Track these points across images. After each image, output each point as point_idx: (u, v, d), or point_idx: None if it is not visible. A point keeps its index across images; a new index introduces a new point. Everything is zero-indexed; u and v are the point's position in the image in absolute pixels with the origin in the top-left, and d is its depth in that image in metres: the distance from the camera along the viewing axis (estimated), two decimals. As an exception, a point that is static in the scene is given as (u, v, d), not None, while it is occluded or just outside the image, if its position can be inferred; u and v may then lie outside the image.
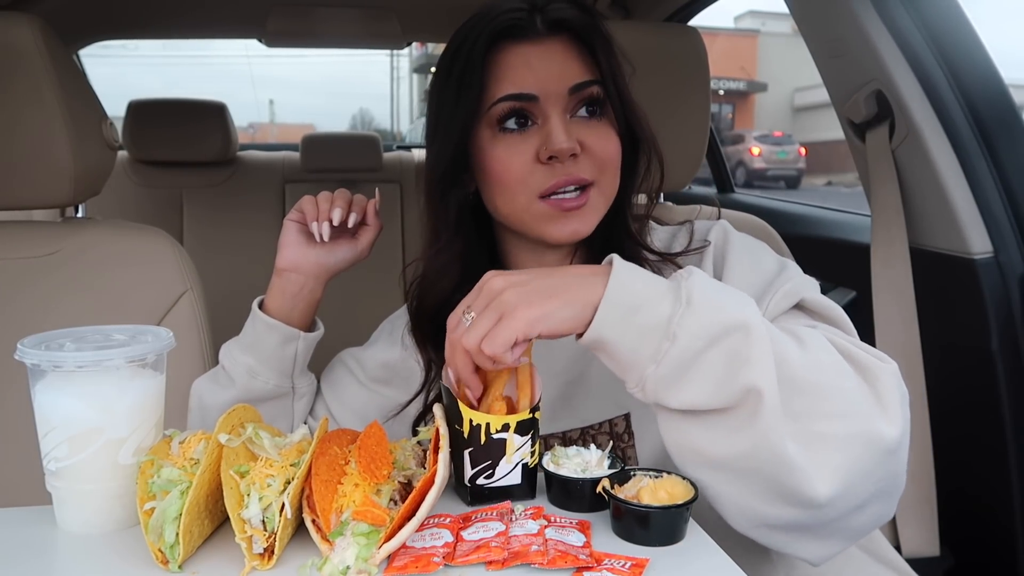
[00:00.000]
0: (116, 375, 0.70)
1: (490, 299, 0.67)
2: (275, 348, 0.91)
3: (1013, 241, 1.33)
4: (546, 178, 0.83)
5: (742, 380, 0.62)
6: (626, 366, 0.66)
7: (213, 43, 4.63)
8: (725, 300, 0.65)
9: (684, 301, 0.64)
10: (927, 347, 1.34)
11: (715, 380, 0.63)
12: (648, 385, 0.65)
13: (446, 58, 0.87)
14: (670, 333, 0.63)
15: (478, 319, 0.66)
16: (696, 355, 0.63)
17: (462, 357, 0.69)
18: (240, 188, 2.44)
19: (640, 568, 0.62)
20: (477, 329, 0.66)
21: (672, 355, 0.63)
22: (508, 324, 0.65)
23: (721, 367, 0.63)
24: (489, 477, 0.75)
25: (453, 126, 0.85)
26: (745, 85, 24.76)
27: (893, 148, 1.41)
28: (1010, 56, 3.62)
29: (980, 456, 1.36)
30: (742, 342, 0.63)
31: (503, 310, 0.66)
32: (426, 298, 0.93)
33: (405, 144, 4.15)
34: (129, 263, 1.18)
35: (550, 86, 0.83)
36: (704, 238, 0.90)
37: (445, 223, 0.89)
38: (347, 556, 0.62)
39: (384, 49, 4.32)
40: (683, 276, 0.66)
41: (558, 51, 0.85)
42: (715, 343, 0.63)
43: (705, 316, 0.63)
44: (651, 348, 0.64)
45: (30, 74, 1.09)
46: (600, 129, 0.86)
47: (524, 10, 0.84)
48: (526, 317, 0.65)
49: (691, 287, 0.65)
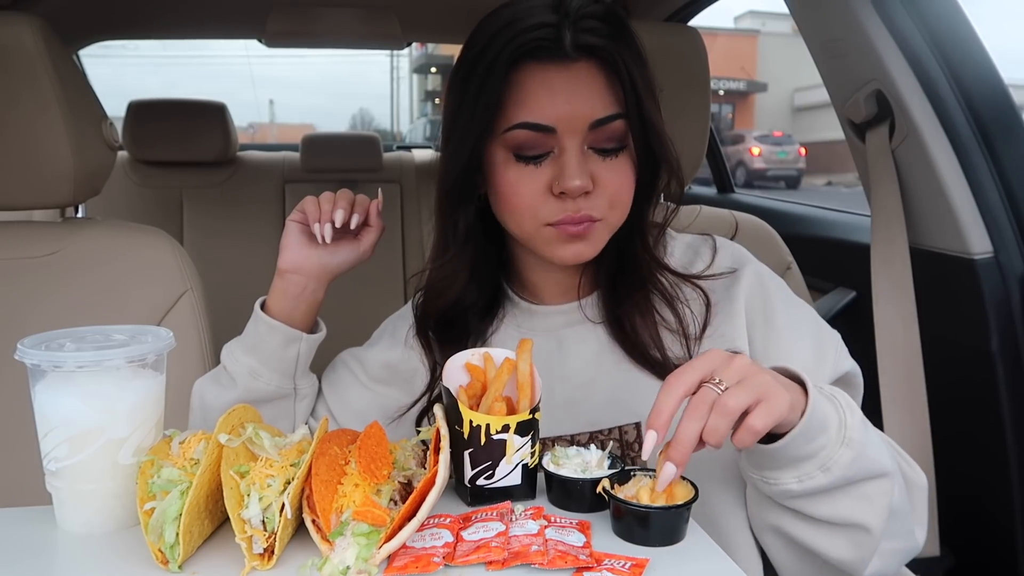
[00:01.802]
0: (116, 375, 0.70)
1: (744, 375, 0.65)
2: (277, 349, 0.91)
3: (1013, 241, 1.33)
4: (555, 211, 0.82)
5: (858, 518, 0.71)
6: (773, 467, 0.71)
7: (213, 43, 4.61)
8: (872, 440, 0.72)
9: (845, 439, 0.69)
10: (927, 347, 1.34)
11: (839, 509, 0.72)
12: (776, 492, 0.72)
13: (466, 62, 0.84)
14: (825, 466, 0.69)
15: (736, 390, 0.64)
16: (836, 488, 0.70)
17: (719, 418, 0.64)
18: (240, 188, 2.44)
19: (640, 568, 0.62)
20: (739, 399, 0.64)
21: (818, 482, 0.69)
22: (775, 404, 0.65)
23: (849, 500, 0.71)
24: (489, 478, 0.75)
25: (467, 139, 0.83)
26: (745, 85, 24.75)
27: (893, 148, 1.41)
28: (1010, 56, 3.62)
29: (980, 456, 1.36)
30: (876, 487, 0.71)
31: (763, 391, 0.65)
32: (432, 305, 0.93)
33: (405, 144, 4.15)
34: (129, 263, 1.18)
35: (570, 119, 0.81)
36: (730, 266, 0.90)
37: (454, 235, 0.89)
38: (347, 556, 0.62)
39: (384, 49, 4.32)
40: (845, 410, 0.71)
41: (583, 79, 0.81)
42: (857, 483, 0.71)
43: (858, 458, 0.70)
44: (800, 471, 0.69)
45: (30, 74, 1.09)
46: (616, 165, 0.83)
47: (552, 25, 0.80)
48: (786, 401, 0.65)
49: (853, 425, 0.70)
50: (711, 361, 0.67)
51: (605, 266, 0.91)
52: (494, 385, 0.77)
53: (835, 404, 0.71)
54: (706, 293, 0.88)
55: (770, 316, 0.86)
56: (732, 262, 0.91)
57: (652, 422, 0.65)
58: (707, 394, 0.65)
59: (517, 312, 0.95)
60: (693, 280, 0.89)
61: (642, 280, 0.89)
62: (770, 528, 0.78)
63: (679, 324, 0.87)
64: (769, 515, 0.77)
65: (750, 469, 0.74)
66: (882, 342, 1.36)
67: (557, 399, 0.88)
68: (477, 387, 0.79)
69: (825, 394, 0.71)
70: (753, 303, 0.87)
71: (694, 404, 0.65)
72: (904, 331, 1.35)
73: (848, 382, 0.86)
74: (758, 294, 0.88)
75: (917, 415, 1.32)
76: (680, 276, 0.90)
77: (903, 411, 1.32)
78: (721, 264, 0.91)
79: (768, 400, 0.65)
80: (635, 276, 0.89)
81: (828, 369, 0.84)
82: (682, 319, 0.88)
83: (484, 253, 0.92)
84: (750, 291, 0.88)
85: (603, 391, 0.88)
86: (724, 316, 0.87)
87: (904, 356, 1.34)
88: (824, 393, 0.71)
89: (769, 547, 0.81)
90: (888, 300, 1.37)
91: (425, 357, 0.95)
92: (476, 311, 0.93)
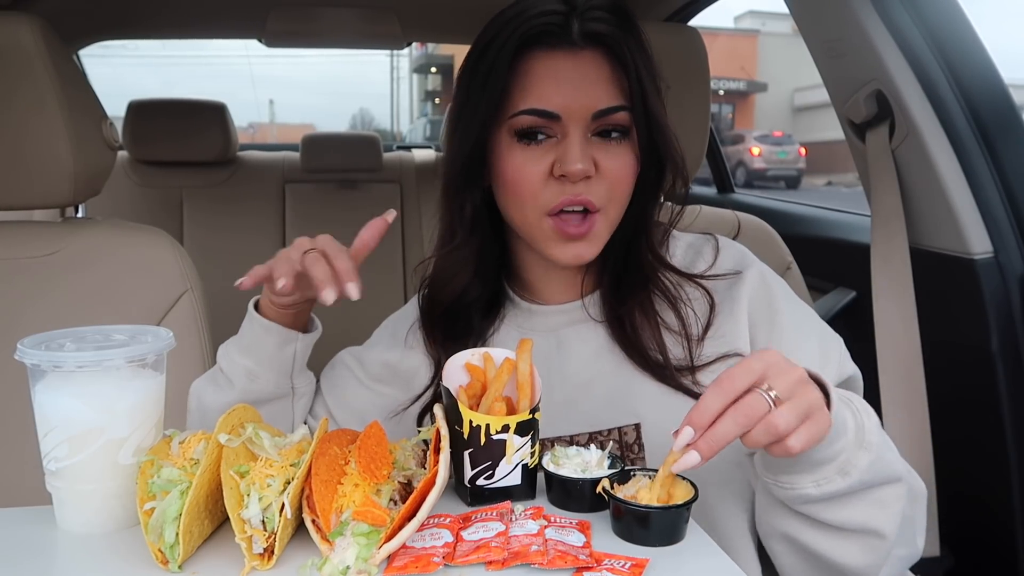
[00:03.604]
0: (116, 375, 0.70)
1: (796, 391, 0.64)
2: (273, 349, 0.91)
3: (1013, 241, 1.33)
4: (555, 195, 0.83)
5: (873, 523, 0.71)
6: (791, 471, 0.70)
7: (213, 43, 4.61)
8: (887, 444, 0.72)
9: (864, 443, 0.69)
10: (927, 347, 1.34)
11: (854, 515, 0.71)
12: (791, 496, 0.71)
13: (475, 52, 0.85)
14: (844, 469, 0.69)
15: (788, 411, 0.63)
16: (852, 492, 0.70)
17: (763, 435, 0.63)
18: (240, 188, 2.44)
19: (640, 568, 0.62)
20: (790, 421, 0.62)
21: (837, 486, 0.69)
22: (817, 428, 0.64)
23: (864, 505, 0.71)
24: (489, 478, 0.75)
25: (473, 125, 0.84)
26: (745, 85, 24.75)
27: (893, 148, 1.41)
28: (1010, 56, 3.62)
29: (980, 456, 1.35)
30: (890, 492, 0.72)
31: (811, 409, 0.64)
32: (438, 296, 0.93)
33: (405, 144, 4.15)
34: (129, 263, 1.18)
35: (574, 106, 0.81)
36: (733, 266, 0.90)
37: (461, 220, 0.89)
38: (347, 556, 0.62)
39: (384, 49, 4.32)
40: (863, 414, 0.71)
41: (589, 67, 0.82)
42: (873, 487, 0.71)
43: (875, 462, 0.70)
44: (819, 475, 0.69)
45: (30, 74, 1.09)
46: (619, 152, 0.84)
47: (560, 13, 0.81)
48: (828, 424, 0.65)
49: (871, 429, 0.70)
50: (766, 364, 0.64)
51: (609, 265, 0.91)
52: (494, 385, 0.77)
53: (851, 408, 0.71)
54: (710, 294, 0.88)
55: (774, 318, 0.86)
56: (735, 262, 0.91)
57: (694, 419, 0.63)
58: (759, 404, 0.63)
59: (517, 312, 0.95)
60: (697, 280, 0.89)
61: (645, 280, 0.89)
62: (780, 535, 0.77)
63: (682, 326, 0.87)
64: (780, 522, 0.75)
65: (765, 474, 0.72)
66: (882, 342, 1.36)
67: (557, 399, 0.88)
68: (477, 387, 0.79)
69: (842, 398, 0.70)
70: (757, 304, 0.87)
71: (742, 410, 0.63)
72: (904, 331, 1.35)
73: (850, 386, 0.86)
74: (762, 295, 0.88)
75: (917, 415, 1.32)
76: (684, 276, 0.90)
77: (903, 411, 1.32)
78: (723, 264, 0.91)
79: (812, 421, 0.64)
80: (638, 276, 0.89)
81: (832, 373, 0.84)
82: (685, 321, 0.88)
83: (489, 244, 0.92)
84: (754, 292, 0.88)
85: (603, 392, 0.88)
86: (726, 316, 0.87)
87: (904, 356, 1.34)
88: (841, 397, 0.70)
89: (777, 555, 0.79)
90: (888, 300, 1.37)
91: (428, 350, 0.95)
92: (479, 307, 0.93)
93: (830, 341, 0.87)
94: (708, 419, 0.63)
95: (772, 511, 0.76)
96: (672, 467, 0.65)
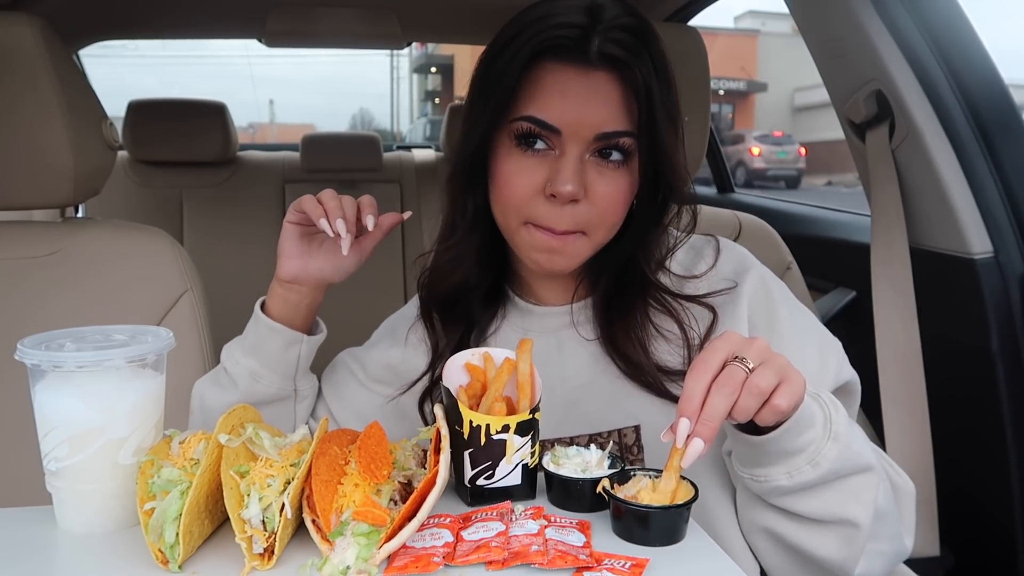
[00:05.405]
0: (116, 375, 0.70)
1: (765, 356, 0.67)
2: (278, 351, 0.91)
3: (1013, 241, 1.33)
4: (540, 213, 0.82)
5: (846, 512, 0.73)
6: (764, 464, 0.72)
7: (213, 43, 4.61)
8: (856, 435, 0.74)
9: (831, 434, 0.71)
10: (927, 347, 1.34)
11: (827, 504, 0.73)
12: (766, 489, 0.74)
13: (492, 51, 0.84)
14: (814, 460, 0.71)
15: (764, 371, 0.66)
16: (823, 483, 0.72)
17: (749, 398, 0.66)
18: (240, 188, 2.44)
19: (640, 568, 0.63)
20: (768, 379, 0.66)
21: (808, 476, 0.71)
22: (796, 385, 0.67)
23: (836, 495, 0.73)
24: (489, 478, 0.75)
25: (480, 123, 0.84)
26: (745, 85, 24.75)
27: (893, 148, 1.41)
28: (1010, 56, 3.62)
29: (980, 456, 1.36)
30: (861, 481, 0.73)
31: (785, 374, 0.67)
32: (438, 285, 0.93)
33: (405, 144, 4.15)
34: (129, 263, 1.18)
35: (577, 124, 0.80)
36: (733, 268, 0.90)
37: (463, 216, 0.90)
38: (347, 556, 0.62)
39: (384, 49, 4.32)
40: (830, 406, 0.73)
41: (599, 88, 0.80)
42: (844, 477, 0.73)
43: (844, 451, 0.71)
44: (790, 466, 0.71)
45: (30, 74, 1.09)
46: (615, 177, 0.82)
47: (581, 27, 0.79)
48: (803, 382, 0.68)
49: (838, 421, 0.72)
50: (732, 342, 0.68)
51: (602, 283, 0.90)
52: (494, 385, 0.77)
53: (819, 401, 0.73)
54: (714, 309, 0.88)
55: (774, 322, 0.86)
56: (735, 265, 0.91)
57: (684, 408, 0.66)
58: (736, 373, 0.66)
59: (517, 312, 0.95)
60: (700, 301, 0.88)
61: (636, 303, 0.88)
62: (760, 530, 0.79)
63: (683, 336, 0.87)
64: (759, 516, 0.78)
65: (740, 468, 0.75)
66: (882, 342, 1.36)
67: (557, 400, 0.88)
68: (477, 387, 0.79)
69: (810, 392, 0.72)
70: (757, 307, 0.87)
71: (724, 382, 0.66)
72: (904, 331, 1.35)
73: (848, 391, 0.86)
74: (762, 298, 0.88)
75: (917, 415, 1.32)
76: (684, 298, 0.88)
77: (903, 411, 1.32)
78: (724, 266, 0.91)
79: (790, 381, 0.67)
80: (630, 298, 0.89)
81: (831, 377, 0.84)
82: (686, 331, 0.87)
83: (489, 242, 0.92)
84: (754, 295, 0.88)
85: (602, 394, 0.88)
86: (727, 320, 0.87)
87: (904, 356, 1.34)
88: (808, 392, 0.71)
89: (760, 551, 0.81)
90: (888, 300, 1.37)
91: (428, 337, 0.95)
92: (478, 295, 0.93)
93: (829, 346, 0.87)
94: (697, 403, 0.66)
95: (751, 507, 0.78)
96: (681, 460, 0.67)
